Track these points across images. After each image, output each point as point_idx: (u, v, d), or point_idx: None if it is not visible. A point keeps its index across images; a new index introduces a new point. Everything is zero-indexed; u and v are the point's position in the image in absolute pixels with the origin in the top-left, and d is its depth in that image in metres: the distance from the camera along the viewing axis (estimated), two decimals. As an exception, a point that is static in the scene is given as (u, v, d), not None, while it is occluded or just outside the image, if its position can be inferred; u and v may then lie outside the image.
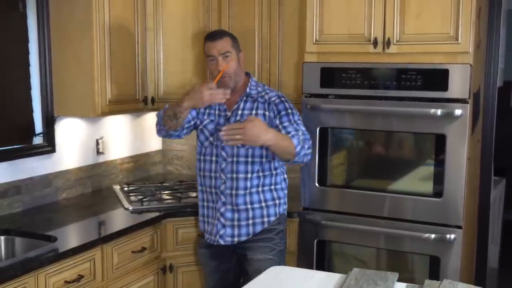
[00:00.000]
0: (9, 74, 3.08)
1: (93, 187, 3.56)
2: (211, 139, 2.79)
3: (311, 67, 3.09)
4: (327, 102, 3.06)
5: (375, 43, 2.94)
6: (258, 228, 2.78)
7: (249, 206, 2.76)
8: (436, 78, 2.82)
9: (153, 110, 3.51)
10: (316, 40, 3.08)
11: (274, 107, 2.72)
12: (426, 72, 2.84)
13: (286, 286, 2.06)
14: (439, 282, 1.98)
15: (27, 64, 3.15)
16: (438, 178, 2.86)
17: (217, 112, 2.80)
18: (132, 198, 3.32)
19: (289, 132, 2.62)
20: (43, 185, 3.20)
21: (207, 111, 2.81)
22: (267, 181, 2.79)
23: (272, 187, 2.81)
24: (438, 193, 2.86)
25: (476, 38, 2.88)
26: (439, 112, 2.80)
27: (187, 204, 3.25)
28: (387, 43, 2.92)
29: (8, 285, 2.19)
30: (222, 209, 2.77)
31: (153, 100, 3.50)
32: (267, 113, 2.73)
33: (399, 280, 2.09)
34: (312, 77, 3.08)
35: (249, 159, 2.73)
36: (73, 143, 3.41)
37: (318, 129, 3.09)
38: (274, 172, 2.81)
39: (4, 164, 2.97)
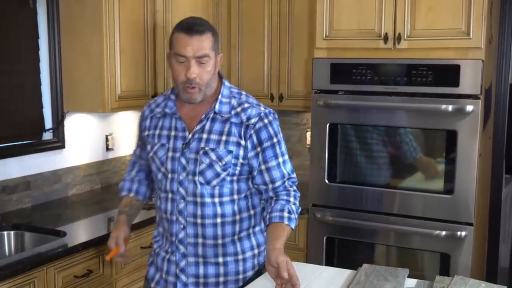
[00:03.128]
0: (19, 70, 3.08)
1: (102, 183, 3.56)
2: (163, 169, 2.01)
3: (321, 63, 3.07)
4: (337, 98, 3.04)
5: (385, 39, 2.92)
6: None
7: (220, 259, 2.02)
8: (447, 74, 2.79)
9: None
10: (326, 36, 3.07)
11: (254, 136, 1.95)
12: (437, 68, 2.81)
13: (295, 281, 2.04)
14: (450, 278, 1.96)
15: (37, 60, 3.15)
16: (449, 174, 2.83)
17: (172, 133, 2.00)
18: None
19: (274, 182, 1.98)
20: (52, 181, 3.20)
21: (157, 131, 2.03)
22: (245, 225, 2.04)
23: (251, 231, 2.06)
24: (449, 190, 2.83)
25: (488, 33, 2.85)
26: (450, 108, 2.77)
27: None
28: (398, 39, 2.90)
29: (17, 279, 2.20)
30: (183, 263, 2.02)
31: (161, 96, 3.49)
32: (242, 142, 1.94)
33: (409, 277, 2.06)
34: (322, 73, 3.06)
35: (216, 199, 1.97)
36: (83, 139, 3.41)
37: (327, 125, 3.07)
38: (252, 212, 2.06)
39: (14, 160, 2.98)
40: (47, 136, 3.21)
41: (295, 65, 3.47)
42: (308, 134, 3.76)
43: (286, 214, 1.91)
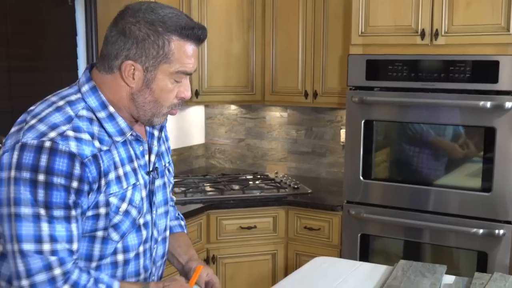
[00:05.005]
0: (58, 66, 3.15)
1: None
2: (140, 220, 1.48)
3: (356, 59, 3.05)
4: (373, 94, 3.02)
5: (422, 35, 2.89)
6: None
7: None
8: (486, 70, 2.75)
9: (197, 103, 3.53)
10: (361, 32, 3.05)
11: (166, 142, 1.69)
12: (475, 64, 2.77)
13: (330, 276, 2.04)
14: (490, 275, 1.93)
15: (75, 56, 3.21)
16: (487, 172, 2.79)
17: (134, 164, 1.47)
18: (176, 190, 3.34)
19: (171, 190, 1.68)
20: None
21: (119, 171, 1.42)
22: None
23: None
24: (486, 188, 2.79)
25: (528, 28, 2.80)
26: (488, 104, 2.73)
27: (229, 196, 3.26)
28: (435, 35, 2.86)
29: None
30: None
31: (197, 93, 3.52)
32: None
33: (446, 274, 2.04)
34: (358, 69, 3.04)
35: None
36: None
37: (363, 122, 3.05)
38: None
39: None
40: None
41: (330, 62, 3.45)
42: (342, 132, 3.74)
43: None
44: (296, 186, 3.49)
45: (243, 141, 4.15)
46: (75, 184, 1.30)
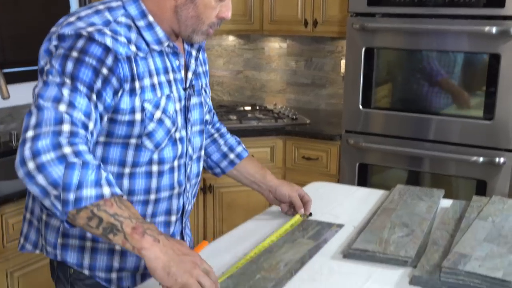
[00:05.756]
0: None
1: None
2: (173, 132, 1.46)
3: (358, -17, 2.94)
4: (374, 21, 2.92)
5: (427, -44, 2.77)
6: None
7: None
8: (492, -7, 2.65)
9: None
10: (364, -46, 2.92)
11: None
12: (481, -13, 2.67)
13: (326, 200, 2.01)
14: (488, 198, 1.90)
15: None
16: (490, 100, 2.72)
17: (170, 76, 1.45)
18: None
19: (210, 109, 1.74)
20: None
21: (154, 79, 1.40)
22: None
23: None
24: (488, 116, 2.73)
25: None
26: (494, 30, 2.63)
27: (226, 126, 3.19)
28: (441, -44, 2.74)
29: None
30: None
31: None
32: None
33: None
34: (359, -6, 2.93)
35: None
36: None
37: (363, 49, 2.97)
38: None
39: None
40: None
41: (331, -13, 3.33)
42: (343, 62, 3.65)
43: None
44: (294, 117, 3.44)
45: (241, 72, 4.07)
46: (105, 71, 1.28)
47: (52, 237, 1.44)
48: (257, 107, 3.74)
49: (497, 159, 2.71)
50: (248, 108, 3.71)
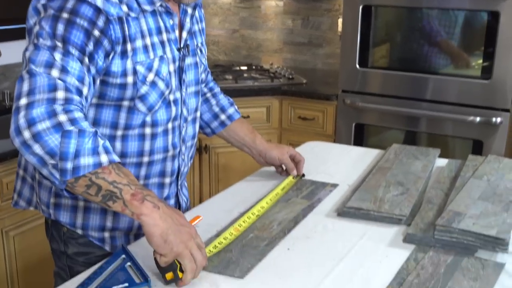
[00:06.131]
0: None
1: None
2: (167, 94, 1.41)
3: None
4: (372, -23, 2.87)
5: None
6: None
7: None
8: None
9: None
10: None
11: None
12: None
13: (321, 159, 2.00)
14: (484, 157, 1.89)
15: None
16: (488, 59, 2.69)
17: (164, 36, 1.39)
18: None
19: (205, 69, 1.70)
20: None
21: (147, 40, 1.34)
22: None
23: None
24: (486, 75, 2.70)
25: None
26: (494, -14, 2.58)
27: (222, 86, 3.15)
28: None
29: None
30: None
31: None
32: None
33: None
34: (357, -51, 2.87)
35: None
36: None
37: (360, 7, 2.91)
38: None
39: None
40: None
41: None
42: (340, 21, 3.59)
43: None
44: (290, 77, 3.40)
45: (237, 31, 4.01)
46: (96, 33, 1.23)
47: (45, 197, 1.43)
48: (253, 67, 3.70)
49: (493, 119, 2.69)
50: (244, 67, 3.67)
